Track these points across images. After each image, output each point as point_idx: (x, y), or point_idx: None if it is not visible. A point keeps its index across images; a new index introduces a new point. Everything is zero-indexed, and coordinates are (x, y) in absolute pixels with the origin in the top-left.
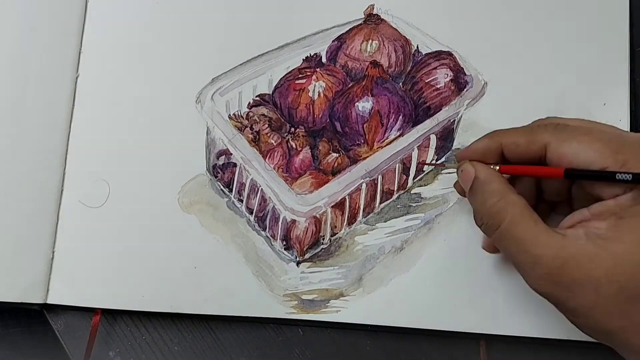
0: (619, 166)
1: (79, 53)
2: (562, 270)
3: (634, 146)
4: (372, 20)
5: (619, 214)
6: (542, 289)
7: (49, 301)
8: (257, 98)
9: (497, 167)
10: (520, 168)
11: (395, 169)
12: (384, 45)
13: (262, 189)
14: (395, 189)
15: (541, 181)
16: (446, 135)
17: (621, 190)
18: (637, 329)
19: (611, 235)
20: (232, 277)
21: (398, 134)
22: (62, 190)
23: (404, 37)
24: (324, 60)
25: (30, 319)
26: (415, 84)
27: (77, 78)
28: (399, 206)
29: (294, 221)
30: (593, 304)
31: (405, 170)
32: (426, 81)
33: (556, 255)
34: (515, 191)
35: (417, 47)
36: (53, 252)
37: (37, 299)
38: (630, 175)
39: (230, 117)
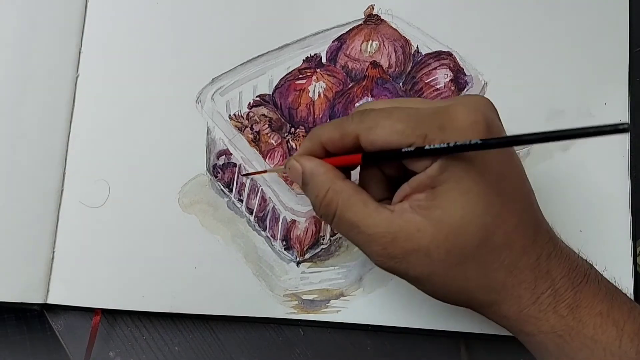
0: (421, 141)
1: (79, 53)
2: (394, 243)
3: (429, 118)
4: (372, 20)
5: (431, 184)
6: (384, 265)
7: (49, 301)
8: (258, 98)
9: None
10: (330, 160)
11: None
12: (384, 45)
13: (262, 189)
14: None
15: (381, 166)
16: None
17: (429, 162)
18: (478, 287)
19: (429, 204)
20: (233, 277)
21: None
22: (62, 190)
23: (404, 37)
24: (324, 60)
25: (30, 319)
26: (415, 84)
27: (77, 78)
28: None
29: (294, 221)
30: (429, 270)
31: None
32: (426, 81)
33: (386, 231)
34: (342, 177)
35: (417, 47)
36: (53, 252)
37: (37, 299)
38: (413, 147)
39: (230, 117)
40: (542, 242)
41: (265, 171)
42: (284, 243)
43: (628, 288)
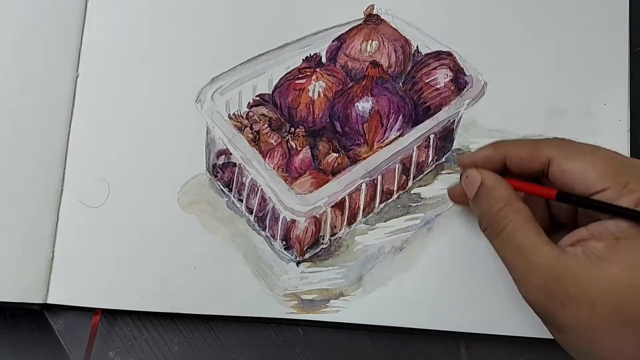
0: (620, 188)
1: (79, 53)
2: (558, 283)
3: (635, 169)
4: (372, 20)
5: (615, 234)
6: (535, 299)
7: (49, 301)
8: (257, 98)
9: None
10: (516, 183)
11: (395, 169)
12: (384, 45)
13: (261, 188)
14: (395, 189)
15: (551, 203)
16: (446, 135)
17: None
18: (625, 353)
19: (608, 256)
20: (232, 277)
21: (398, 134)
22: (62, 190)
23: (404, 37)
24: (323, 60)
25: (30, 319)
26: (415, 84)
27: (77, 78)
28: (398, 206)
29: (293, 221)
30: (586, 322)
31: (405, 170)
32: (426, 81)
33: (553, 267)
34: (520, 200)
35: (417, 47)
36: (53, 252)
37: (37, 299)
38: (622, 208)
39: (230, 117)
40: None
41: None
42: (284, 243)
43: None
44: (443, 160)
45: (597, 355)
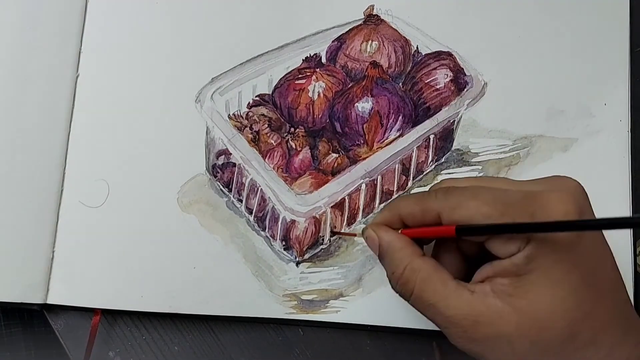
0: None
1: (79, 53)
2: (475, 328)
3: (517, 203)
4: (372, 20)
5: (517, 272)
6: (461, 346)
7: (49, 301)
8: (257, 98)
9: (399, 231)
10: (416, 231)
11: (394, 169)
12: (383, 45)
13: (261, 189)
14: (395, 189)
15: (459, 244)
16: (446, 135)
17: (515, 248)
18: None
19: (514, 292)
20: (232, 277)
21: (398, 134)
22: (62, 190)
23: (404, 37)
24: (323, 60)
25: (30, 319)
26: (415, 85)
27: (77, 78)
28: None
29: (293, 221)
30: (509, 358)
31: (405, 170)
32: (426, 81)
33: (467, 315)
34: (420, 253)
35: (417, 47)
36: (53, 252)
37: (37, 299)
38: (520, 225)
39: (229, 117)
40: (632, 341)
41: (354, 234)
42: (284, 243)
43: (628, 288)
44: (443, 160)
45: None
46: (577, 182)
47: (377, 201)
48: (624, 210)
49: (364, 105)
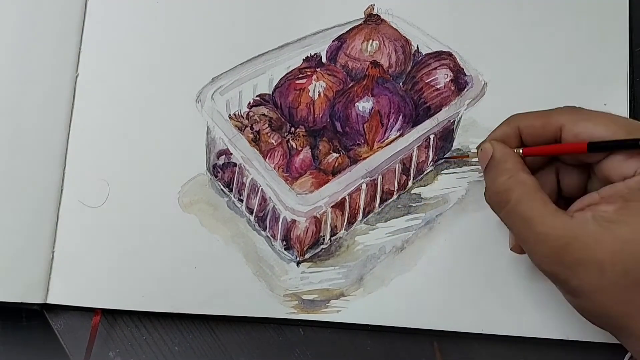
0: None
1: (79, 53)
2: (566, 249)
3: None
4: (372, 20)
5: (626, 196)
6: (546, 267)
7: (49, 301)
8: (258, 98)
9: (521, 150)
10: (542, 148)
11: (395, 169)
12: (384, 45)
13: (262, 188)
14: (396, 189)
15: (560, 177)
16: (446, 135)
17: (632, 171)
18: (637, 315)
19: (618, 218)
20: (233, 277)
21: (398, 134)
22: (62, 190)
23: (404, 37)
24: (324, 60)
25: (30, 319)
26: (415, 84)
27: (77, 78)
28: (399, 206)
29: (294, 221)
30: (596, 286)
31: (406, 170)
32: (426, 81)
33: (561, 235)
34: (528, 171)
35: (418, 47)
36: (53, 252)
37: (37, 299)
38: None
39: (230, 117)
40: None
41: (467, 155)
42: (284, 243)
43: None
44: (443, 160)
45: (610, 317)
46: None
47: (378, 201)
48: None
49: (365, 105)
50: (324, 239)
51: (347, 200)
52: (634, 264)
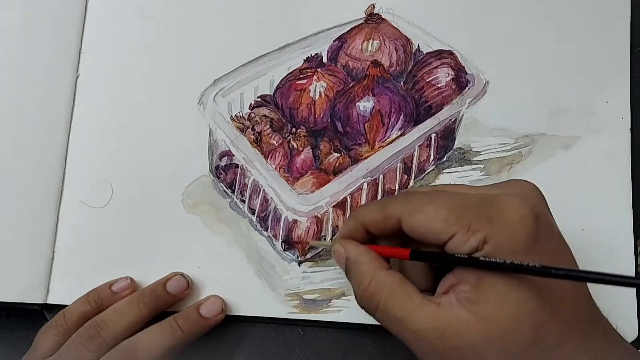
0: (465, 230)
1: (79, 53)
2: (442, 341)
3: (475, 207)
4: (373, 19)
5: (477, 276)
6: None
7: (49, 301)
8: (259, 99)
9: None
10: (377, 249)
11: (396, 168)
12: (384, 44)
13: (264, 189)
14: (397, 188)
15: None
16: (447, 134)
17: (472, 249)
18: None
19: (477, 297)
20: (235, 277)
21: (399, 133)
22: (62, 190)
23: (405, 36)
24: (324, 60)
25: (30, 319)
26: (416, 83)
27: (77, 78)
28: None
29: (295, 221)
30: None
31: (407, 169)
32: (427, 80)
33: (433, 328)
34: (387, 267)
35: (418, 46)
36: (53, 252)
37: (37, 299)
38: (466, 255)
39: (232, 118)
40: (596, 339)
41: (307, 242)
42: (286, 243)
43: (629, 288)
44: (444, 159)
45: None
46: (533, 185)
47: None
48: (626, 208)
49: (365, 105)
50: (325, 239)
51: (349, 200)
52: (503, 342)
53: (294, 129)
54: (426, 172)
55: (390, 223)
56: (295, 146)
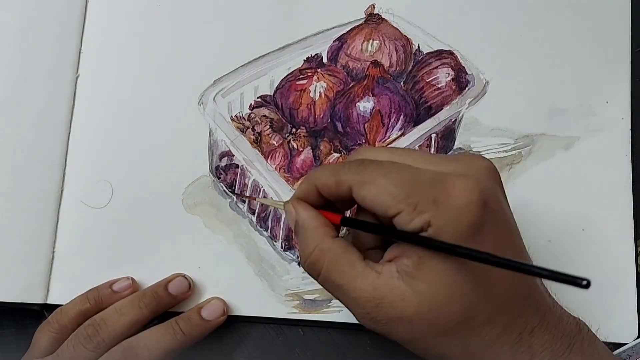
0: (411, 209)
1: (79, 53)
2: (378, 309)
3: (425, 186)
4: (373, 19)
5: (419, 252)
6: (367, 326)
7: (49, 301)
8: (259, 99)
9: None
10: (324, 213)
11: None
12: (384, 44)
13: (264, 189)
14: None
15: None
16: (447, 134)
17: (419, 228)
18: (455, 355)
19: (416, 274)
20: (235, 277)
21: (399, 133)
22: (62, 190)
23: (405, 36)
24: (324, 60)
25: (30, 319)
26: (416, 84)
27: (77, 78)
28: None
29: None
30: (411, 337)
31: None
32: (427, 80)
33: (371, 297)
34: (333, 235)
35: (418, 46)
36: (53, 252)
37: (37, 299)
38: (404, 233)
39: (232, 119)
40: (528, 316)
41: (254, 198)
42: (286, 243)
43: (629, 288)
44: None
45: (433, 356)
46: (489, 163)
47: None
48: (626, 208)
49: (365, 105)
50: None
51: None
52: (434, 316)
53: (294, 130)
54: None
55: (342, 189)
56: (296, 146)
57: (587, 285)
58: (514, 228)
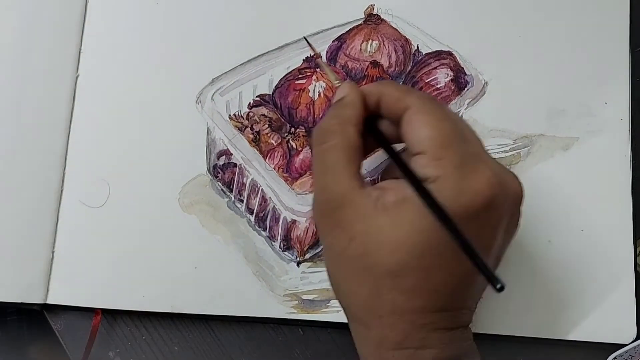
0: (432, 159)
1: (79, 53)
2: (335, 211)
3: (461, 151)
4: (372, 20)
5: (405, 195)
6: (315, 216)
7: (49, 301)
8: (258, 98)
9: None
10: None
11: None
12: (384, 45)
13: (262, 189)
14: None
15: None
16: None
17: (424, 177)
18: (359, 295)
19: (389, 209)
20: (233, 277)
21: None
22: (62, 190)
23: (404, 37)
24: (324, 60)
25: (30, 319)
26: (415, 84)
27: (77, 78)
28: None
29: (294, 221)
30: (339, 254)
31: None
32: (426, 81)
33: (341, 196)
34: (359, 130)
35: (418, 46)
36: (53, 252)
37: (37, 299)
38: (410, 170)
39: (230, 118)
40: (440, 318)
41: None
42: (284, 243)
43: (629, 288)
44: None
45: (338, 287)
46: (520, 190)
47: None
48: (625, 209)
49: None
50: None
51: None
52: (372, 250)
53: (292, 129)
54: None
55: (399, 106)
56: (294, 146)
57: (501, 289)
58: (494, 251)
